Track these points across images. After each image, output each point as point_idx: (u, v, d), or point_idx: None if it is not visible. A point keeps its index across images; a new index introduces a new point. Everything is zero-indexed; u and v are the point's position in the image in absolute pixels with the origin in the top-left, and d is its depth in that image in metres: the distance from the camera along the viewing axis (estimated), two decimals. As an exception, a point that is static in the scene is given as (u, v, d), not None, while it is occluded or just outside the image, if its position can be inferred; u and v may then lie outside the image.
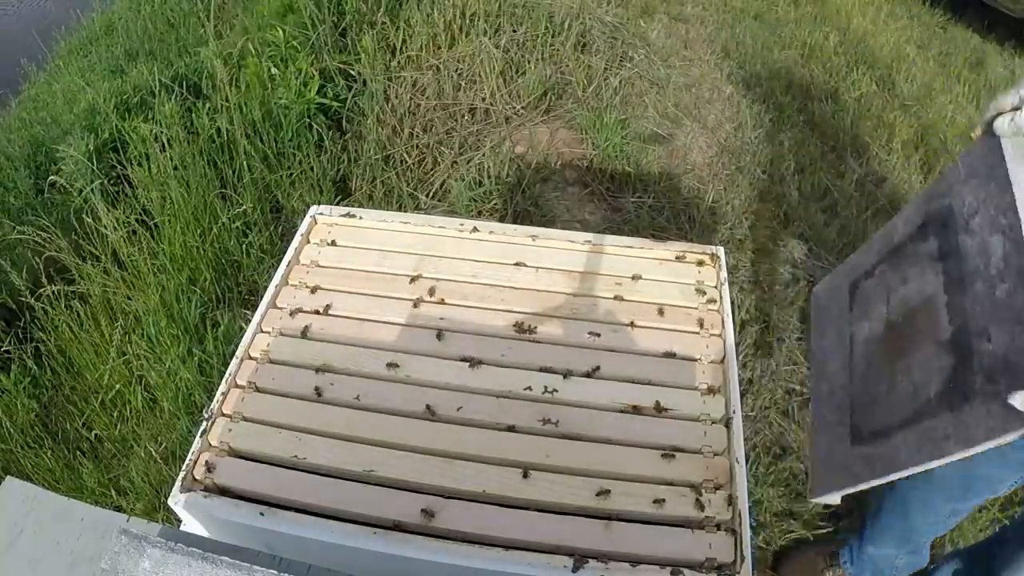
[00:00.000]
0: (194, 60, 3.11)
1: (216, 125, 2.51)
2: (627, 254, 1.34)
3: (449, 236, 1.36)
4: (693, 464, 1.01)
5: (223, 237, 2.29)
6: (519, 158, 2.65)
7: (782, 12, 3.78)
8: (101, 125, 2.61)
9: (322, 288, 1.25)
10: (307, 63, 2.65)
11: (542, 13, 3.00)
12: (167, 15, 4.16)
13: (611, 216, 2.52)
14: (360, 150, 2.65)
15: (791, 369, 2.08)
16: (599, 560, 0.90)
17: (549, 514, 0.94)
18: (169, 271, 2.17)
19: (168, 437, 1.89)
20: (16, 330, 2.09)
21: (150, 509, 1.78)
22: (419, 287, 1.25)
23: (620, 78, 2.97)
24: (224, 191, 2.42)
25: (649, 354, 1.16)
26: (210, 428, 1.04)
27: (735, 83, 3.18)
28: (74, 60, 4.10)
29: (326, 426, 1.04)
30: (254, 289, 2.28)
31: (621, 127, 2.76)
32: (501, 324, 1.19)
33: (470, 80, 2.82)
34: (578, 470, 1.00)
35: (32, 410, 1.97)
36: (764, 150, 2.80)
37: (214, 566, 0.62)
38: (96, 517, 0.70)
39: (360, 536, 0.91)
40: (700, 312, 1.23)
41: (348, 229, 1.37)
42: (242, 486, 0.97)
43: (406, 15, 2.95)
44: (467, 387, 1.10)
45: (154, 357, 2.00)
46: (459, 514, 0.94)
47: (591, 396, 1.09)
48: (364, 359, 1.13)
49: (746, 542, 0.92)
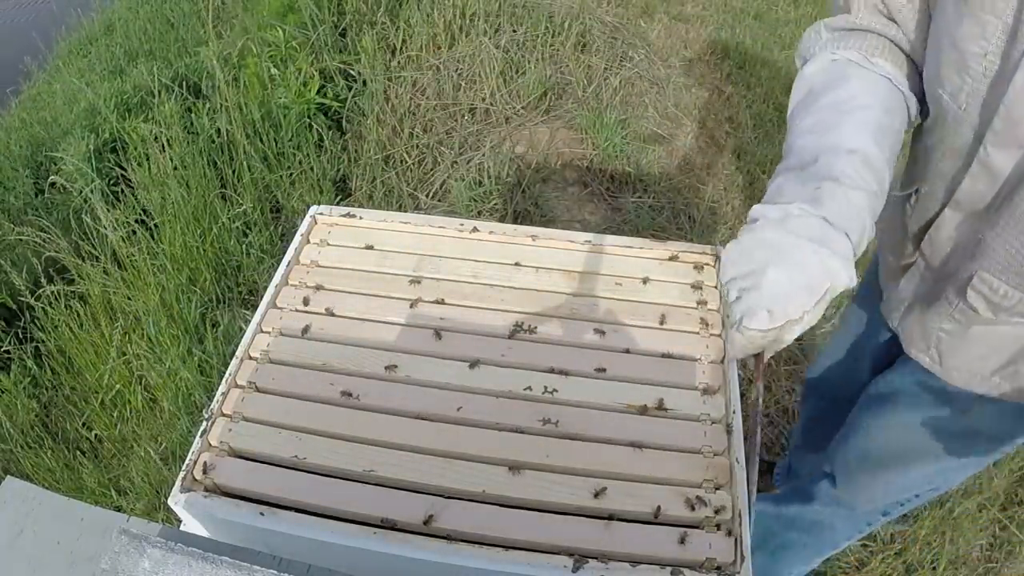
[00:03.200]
0: (194, 60, 3.12)
1: (216, 125, 2.51)
2: (627, 254, 1.33)
3: (449, 236, 1.36)
4: (693, 464, 1.00)
5: (223, 237, 2.30)
6: (519, 158, 2.65)
7: (782, 12, 3.78)
8: (101, 125, 2.61)
9: (322, 288, 1.25)
10: (307, 63, 2.66)
11: (542, 13, 3.00)
12: (167, 15, 4.16)
13: (611, 216, 2.52)
14: (360, 150, 2.65)
15: (791, 369, 2.08)
16: (599, 560, 0.90)
17: (549, 514, 0.94)
18: (169, 271, 2.17)
19: (168, 437, 1.89)
20: (16, 330, 2.09)
21: (150, 509, 1.78)
22: (419, 287, 1.25)
23: (620, 78, 2.97)
24: (224, 191, 2.42)
25: (649, 354, 1.16)
26: (210, 428, 1.04)
27: (735, 83, 3.18)
28: (74, 60, 4.10)
29: (326, 426, 1.04)
30: (254, 289, 2.28)
31: (621, 127, 2.76)
32: (501, 324, 1.19)
33: (470, 80, 2.82)
34: (578, 470, 1.00)
35: (32, 410, 1.97)
36: (764, 150, 2.80)
37: (214, 566, 0.62)
38: (96, 517, 0.70)
39: (360, 536, 0.91)
40: (700, 312, 1.22)
41: (348, 229, 1.37)
42: (242, 486, 0.97)
43: (406, 15, 2.95)
44: (467, 387, 1.10)
45: (154, 357, 2.00)
46: (459, 514, 0.94)
47: (591, 396, 1.09)
48: (364, 359, 1.13)
49: (746, 542, 0.91)
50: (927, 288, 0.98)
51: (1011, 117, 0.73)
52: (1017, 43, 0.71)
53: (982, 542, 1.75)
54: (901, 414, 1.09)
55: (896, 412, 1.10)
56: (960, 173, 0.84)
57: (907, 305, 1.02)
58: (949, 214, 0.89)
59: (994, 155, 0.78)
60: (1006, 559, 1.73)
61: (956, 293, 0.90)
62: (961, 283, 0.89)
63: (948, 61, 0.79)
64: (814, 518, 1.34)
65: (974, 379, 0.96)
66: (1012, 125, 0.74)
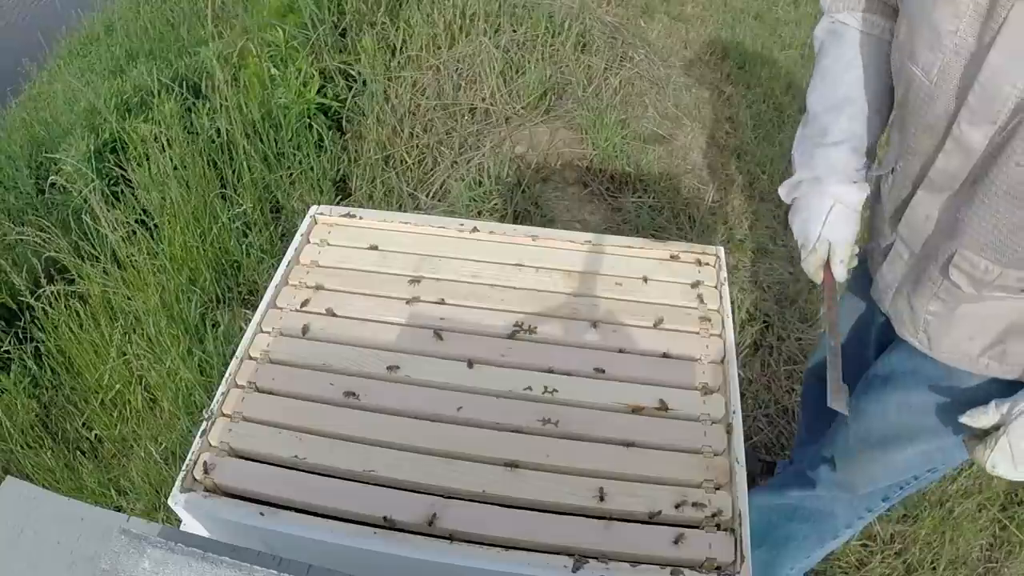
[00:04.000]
0: (194, 60, 3.12)
1: (216, 125, 2.51)
2: (627, 254, 1.33)
3: (449, 236, 1.36)
4: (693, 464, 1.00)
5: (223, 237, 2.30)
6: (519, 158, 2.65)
7: (782, 12, 3.78)
8: (101, 125, 2.61)
9: (322, 288, 1.25)
10: (307, 63, 2.66)
11: (542, 13, 2.99)
12: (167, 15, 4.17)
13: (611, 216, 2.52)
14: (360, 150, 2.65)
15: (791, 369, 2.08)
16: (599, 560, 0.90)
17: (549, 514, 0.94)
18: (169, 271, 2.17)
19: (168, 437, 1.89)
20: (16, 330, 2.09)
21: (150, 509, 1.78)
22: (419, 287, 1.25)
23: (620, 78, 2.97)
24: (224, 191, 2.42)
25: (649, 354, 1.16)
26: (210, 428, 1.04)
27: (735, 83, 3.18)
28: (74, 60, 4.11)
29: (326, 426, 1.04)
30: (254, 289, 2.28)
31: (621, 127, 2.76)
32: (501, 324, 1.19)
33: (470, 80, 2.82)
34: (578, 470, 1.00)
35: (32, 410, 1.97)
36: (764, 150, 2.80)
37: (214, 566, 0.62)
38: (96, 517, 0.70)
39: (360, 536, 0.91)
40: (700, 312, 1.22)
41: (348, 229, 1.37)
42: (242, 486, 0.97)
43: (406, 15, 2.95)
44: (467, 387, 1.10)
45: (154, 357, 2.00)
46: (459, 514, 0.94)
47: (591, 396, 1.09)
48: (364, 359, 1.13)
49: (746, 542, 0.92)
50: (909, 270, 0.99)
51: (986, 94, 0.75)
52: (990, 22, 0.72)
53: (982, 542, 1.75)
54: (899, 393, 1.10)
55: (894, 392, 1.11)
56: (934, 151, 0.86)
57: (895, 289, 1.03)
58: (923, 195, 0.90)
59: (968, 132, 0.79)
60: (1006, 559, 1.73)
61: (939, 272, 0.91)
62: (942, 262, 0.90)
63: (921, 38, 0.81)
64: (815, 505, 1.34)
65: (964, 360, 0.97)
66: (986, 102, 0.75)
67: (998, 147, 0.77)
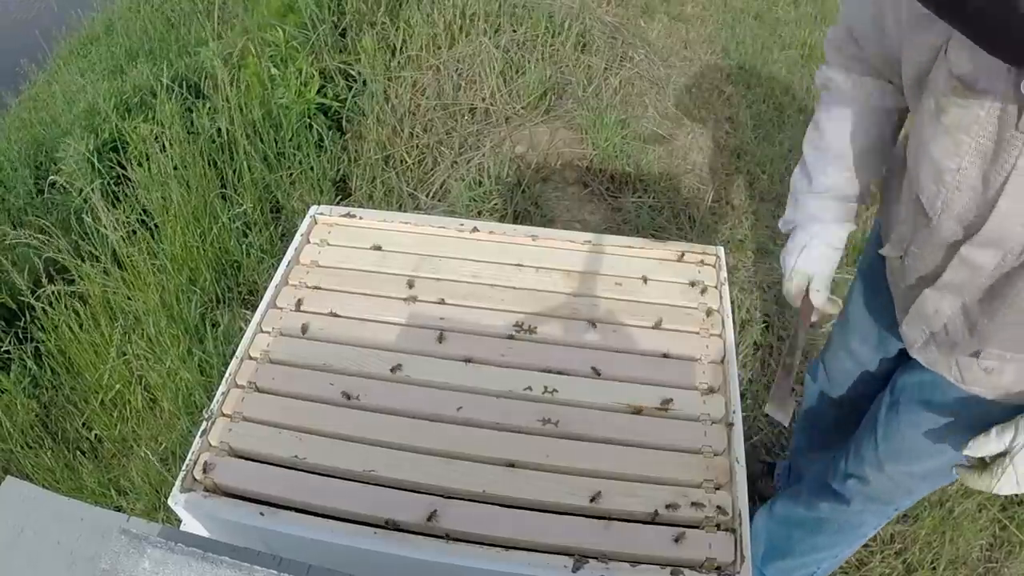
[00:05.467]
0: (194, 60, 3.11)
1: (216, 125, 2.51)
2: (627, 254, 1.33)
3: (449, 236, 1.36)
4: (693, 464, 1.01)
5: (223, 237, 2.29)
6: (519, 158, 2.65)
7: (782, 12, 3.78)
8: (101, 125, 2.61)
9: (322, 288, 1.25)
10: (307, 63, 2.65)
11: (542, 13, 2.99)
12: (167, 15, 4.16)
13: (611, 216, 2.52)
14: (360, 150, 2.65)
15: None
16: (599, 560, 0.90)
17: (549, 514, 0.94)
18: (169, 271, 2.17)
19: (168, 437, 1.89)
20: (16, 330, 2.09)
21: (150, 509, 1.78)
22: (419, 287, 1.25)
23: (620, 78, 2.97)
24: (224, 191, 2.42)
25: (649, 354, 1.16)
26: (210, 428, 1.04)
27: (735, 83, 3.18)
28: (74, 60, 4.10)
29: (326, 426, 1.04)
30: (254, 289, 2.28)
31: (621, 127, 2.76)
32: (501, 324, 1.19)
33: (470, 80, 2.82)
34: (578, 470, 1.00)
35: (32, 410, 1.97)
36: (764, 150, 2.80)
37: (214, 566, 0.62)
38: (96, 517, 0.70)
39: (360, 536, 0.91)
40: (700, 312, 1.23)
41: (348, 229, 1.37)
42: (242, 486, 0.97)
43: (406, 15, 2.94)
44: (467, 387, 1.10)
45: (154, 357, 2.00)
46: (459, 514, 0.94)
47: (591, 396, 1.09)
48: (364, 359, 1.13)
49: (746, 542, 0.92)
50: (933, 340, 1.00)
51: (994, 235, 0.77)
52: (996, 166, 0.73)
53: (982, 542, 1.75)
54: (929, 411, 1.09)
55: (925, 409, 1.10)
56: (942, 262, 0.88)
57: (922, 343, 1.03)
58: (930, 293, 0.92)
59: (976, 254, 0.81)
60: (1006, 559, 1.73)
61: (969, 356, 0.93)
62: (969, 352, 0.92)
63: (925, 170, 0.83)
64: (846, 518, 1.34)
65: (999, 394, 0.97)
66: (996, 239, 0.77)
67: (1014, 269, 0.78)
